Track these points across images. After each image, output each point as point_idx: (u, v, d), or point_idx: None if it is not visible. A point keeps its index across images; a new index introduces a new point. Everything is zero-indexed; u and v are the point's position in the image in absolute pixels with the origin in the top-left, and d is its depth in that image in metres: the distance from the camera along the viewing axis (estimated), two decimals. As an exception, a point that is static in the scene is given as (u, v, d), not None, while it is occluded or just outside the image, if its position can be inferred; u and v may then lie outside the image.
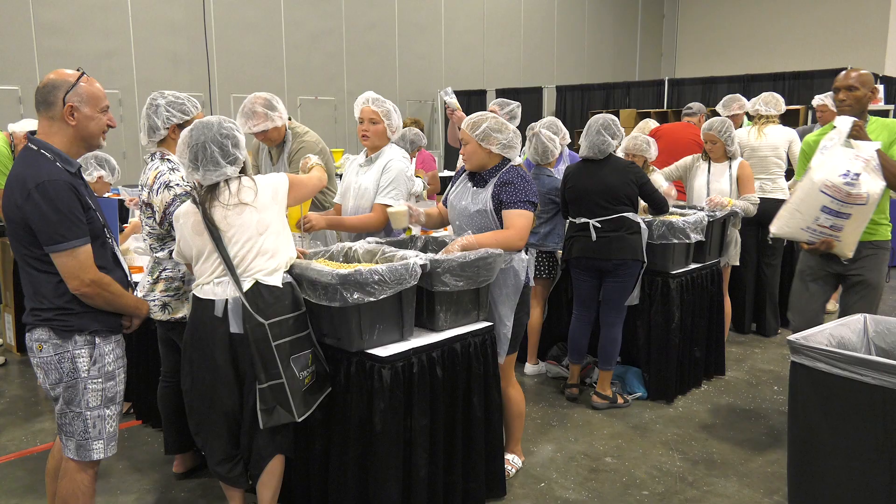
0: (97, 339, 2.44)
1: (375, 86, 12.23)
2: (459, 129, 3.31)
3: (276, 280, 2.61)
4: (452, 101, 5.25)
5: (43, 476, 3.44)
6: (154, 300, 3.01)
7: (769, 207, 5.20)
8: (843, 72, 3.43)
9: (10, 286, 5.07)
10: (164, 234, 2.98)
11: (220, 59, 10.35)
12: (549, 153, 4.43)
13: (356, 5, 11.89)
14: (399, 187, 3.53)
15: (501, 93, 11.80)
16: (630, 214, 4.01)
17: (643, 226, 4.06)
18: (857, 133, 3.27)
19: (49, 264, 2.33)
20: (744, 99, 6.10)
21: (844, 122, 3.27)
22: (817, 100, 6.06)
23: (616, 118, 4.08)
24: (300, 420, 2.63)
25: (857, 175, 3.18)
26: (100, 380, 2.44)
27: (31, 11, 8.52)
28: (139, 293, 3.09)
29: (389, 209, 3.45)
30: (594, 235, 4.01)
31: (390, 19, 12.49)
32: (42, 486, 3.35)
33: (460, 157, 3.25)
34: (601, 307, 4.19)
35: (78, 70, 2.42)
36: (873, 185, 3.23)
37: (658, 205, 4.16)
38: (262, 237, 2.62)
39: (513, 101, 5.56)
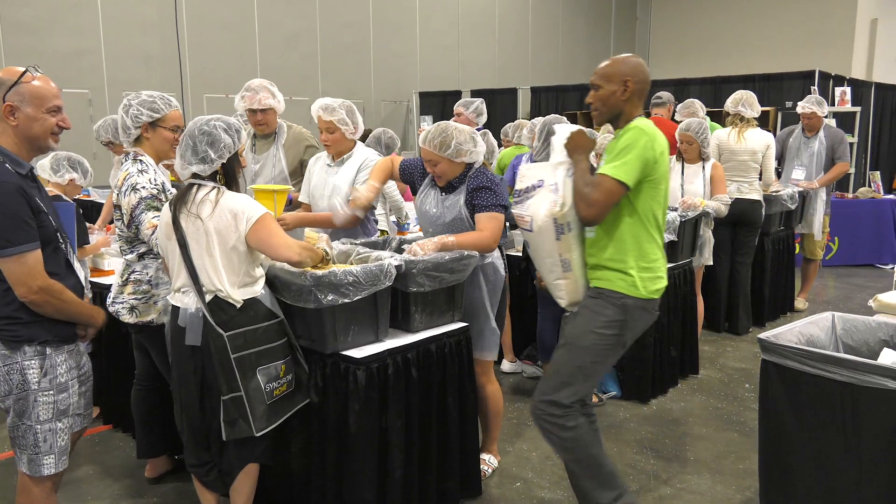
0: (48, 349, 2.34)
1: (350, 86, 12.20)
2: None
3: (236, 296, 2.51)
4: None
5: (4, 482, 3.37)
6: (123, 302, 2.97)
7: (745, 207, 5.29)
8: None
9: None
10: (132, 237, 2.93)
11: (192, 58, 10.24)
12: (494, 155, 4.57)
13: (331, 5, 11.83)
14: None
15: (477, 93, 11.82)
16: None
17: None
18: (569, 144, 2.65)
19: None
20: (698, 104, 6.20)
21: (560, 131, 2.71)
22: (804, 107, 6.09)
23: (565, 119, 4.08)
24: (258, 435, 2.54)
25: (520, 192, 2.73)
26: (51, 392, 2.34)
27: (-1, 9, 8.38)
28: (111, 295, 3.05)
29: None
30: None
31: (365, 20, 12.46)
32: (3, 493, 3.28)
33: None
34: None
35: (34, 67, 2.30)
36: (540, 208, 2.63)
37: None
38: (212, 258, 2.50)
39: (476, 99, 5.59)
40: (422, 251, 2.86)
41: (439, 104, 12.59)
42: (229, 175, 2.59)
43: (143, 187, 2.84)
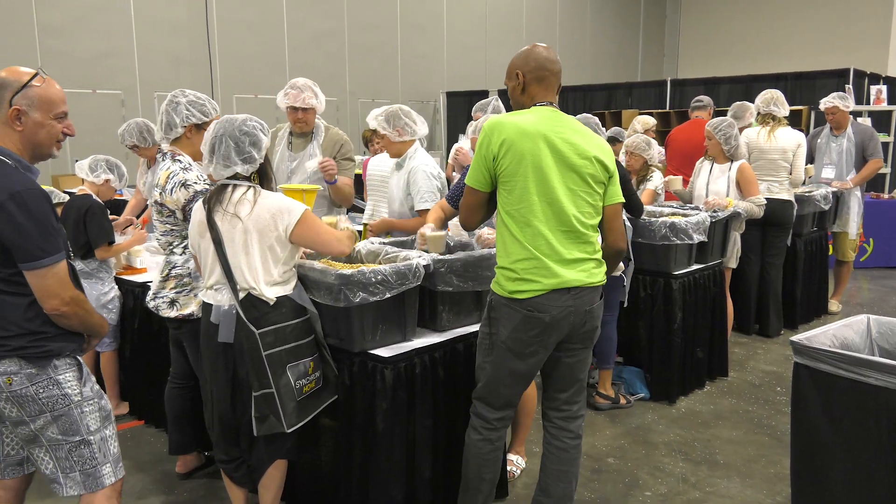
0: (78, 357, 2.23)
1: (377, 86, 12.27)
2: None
3: (269, 294, 2.53)
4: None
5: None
6: (164, 297, 3.01)
7: (775, 207, 5.21)
8: None
9: None
10: (176, 235, 2.99)
11: (222, 59, 10.37)
12: None
13: (357, 6, 11.91)
14: (430, 189, 3.65)
15: (503, 93, 11.81)
16: None
17: (628, 223, 4.04)
18: None
19: (17, 284, 2.06)
20: (752, 106, 6.04)
21: None
22: (826, 102, 6.00)
23: (597, 119, 4.06)
24: (289, 431, 2.56)
25: None
26: (94, 400, 2.23)
27: (34, 12, 8.54)
28: (150, 292, 3.10)
29: (428, 234, 3.15)
30: None
31: (392, 19, 12.51)
32: None
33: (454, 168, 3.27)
34: None
35: (41, 70, 2.15)
36: None
37: (634, 208, 4.11)
38: (249, 256, 2.52)
39: (490, 98, 5.64)
40: (490, 235, 3.03)
41: (466, 104, 12.60)
42: (263, 174, 2.63)
43: (195, 182, 2.88)
